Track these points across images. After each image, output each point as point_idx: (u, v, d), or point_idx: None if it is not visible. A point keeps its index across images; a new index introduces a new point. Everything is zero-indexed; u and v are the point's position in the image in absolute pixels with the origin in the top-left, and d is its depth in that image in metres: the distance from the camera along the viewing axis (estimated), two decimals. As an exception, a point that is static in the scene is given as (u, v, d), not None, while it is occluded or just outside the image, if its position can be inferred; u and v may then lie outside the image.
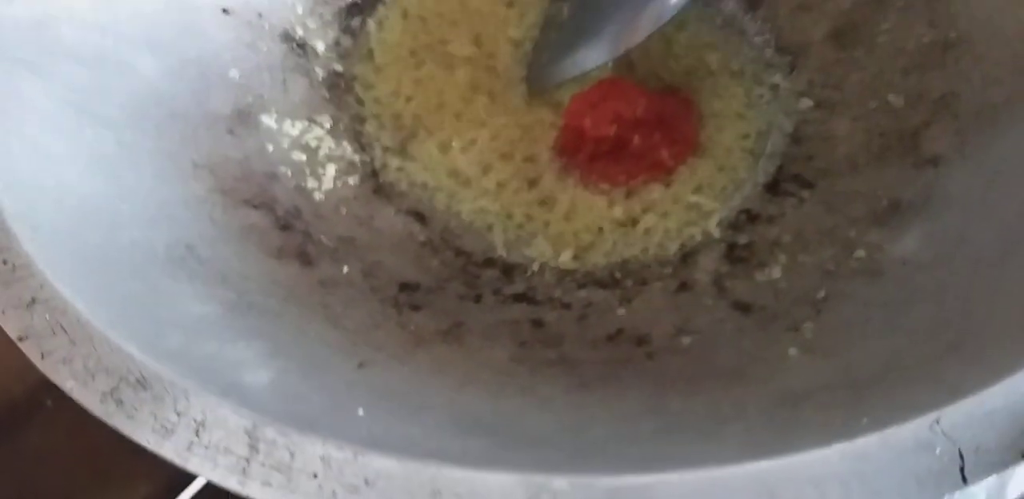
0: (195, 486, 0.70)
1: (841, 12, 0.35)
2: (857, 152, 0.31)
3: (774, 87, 0.35)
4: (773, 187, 0.32)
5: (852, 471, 0.16)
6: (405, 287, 0.29)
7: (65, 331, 0.19)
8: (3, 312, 0.20)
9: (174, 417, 0.18)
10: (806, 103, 0.34)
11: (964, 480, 0.16)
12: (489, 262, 0.31)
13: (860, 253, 0.27)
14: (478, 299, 0.29)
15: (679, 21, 0.37)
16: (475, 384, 0.23)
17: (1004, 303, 0.21)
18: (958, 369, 0.19)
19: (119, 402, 0.18)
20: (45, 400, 0.59)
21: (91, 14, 0.30)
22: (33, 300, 0.20)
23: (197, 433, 0.17)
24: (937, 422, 0.17)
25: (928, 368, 0.19)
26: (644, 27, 0.33)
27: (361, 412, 0.19)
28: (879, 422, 0.17)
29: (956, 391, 0.17)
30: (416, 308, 0.28)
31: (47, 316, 0.20)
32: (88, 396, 0.18)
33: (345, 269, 0.29)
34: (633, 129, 0.31)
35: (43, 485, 0.57)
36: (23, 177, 0.24)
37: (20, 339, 0.19)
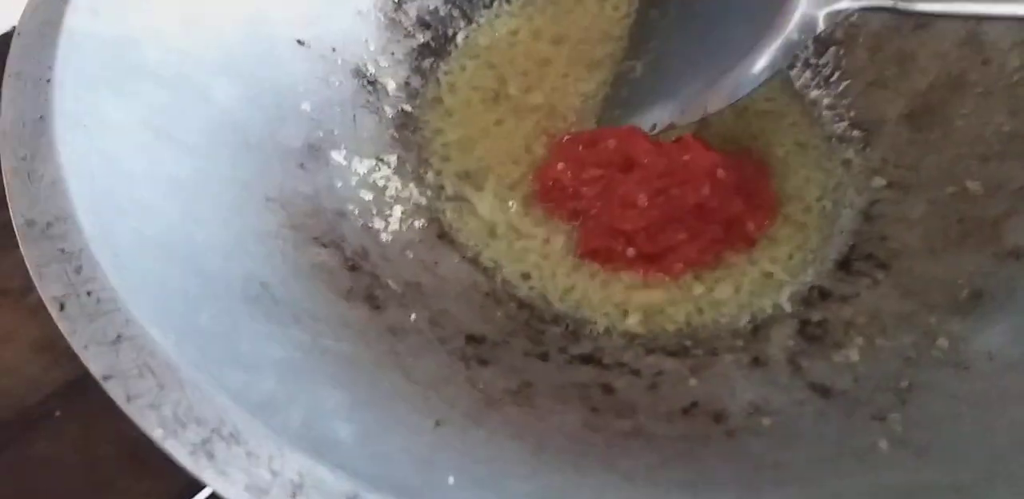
0: (197, 501, 0.68)
1: (917, 92, 0.35)
2: (934, 236, 0.31)
3: (846, 162, 0.35)
4: (846, 265, 0.32)
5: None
6: (471, 339, 0.28)
7: (153, 373, 0.18)
8: (86, 348, 0.19)
9: (269, 477, 0.17)
10: (879, 181, 0.34)
11: None
12: (554, 319, 0.31)
13: (943, 342, 0.27)
14: (544, 357, 0.28)
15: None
16: (552, 452, 0.22)
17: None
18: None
19: (210, 456, 0.17)
20: (55, 410, 0.58)
21: (173, 37, 0.30)
22: (119, 337, 0.19)
23: (294, 494, 0.16)
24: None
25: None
26: (721, 98, 0.33)
27: (452, 481, 0.19)
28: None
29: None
30: (484, 363, 0.27)
31: (134, 356, 0.19)
32: (178, 448, 0.17)
33: (412, 316, 0.28)
34: (718, 196, 0.31)
35: (45, 493, 0.56)
36: (103, 197, 0.23)
37: (105, 378, 0.18)
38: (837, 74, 0.37)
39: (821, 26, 0.31)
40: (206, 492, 0.63)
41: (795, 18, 0.31)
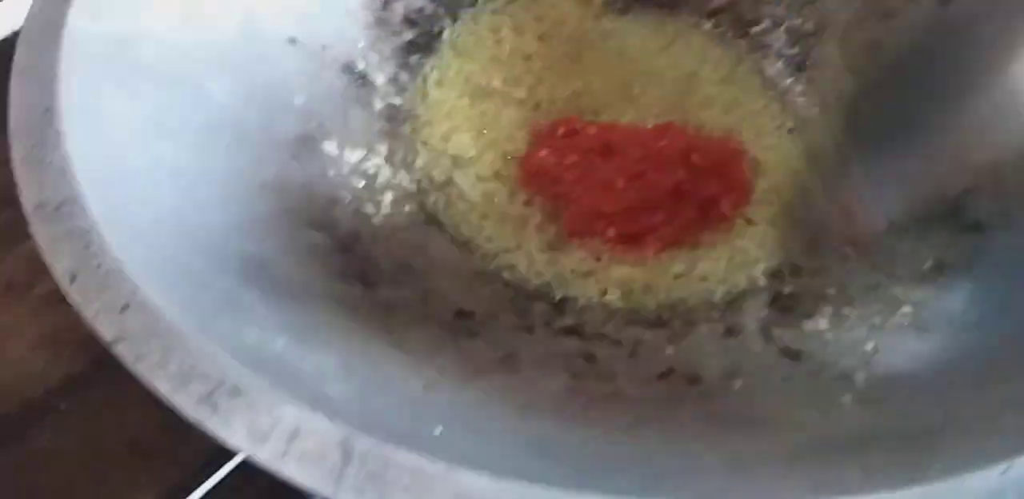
0: (195, 496, 0.69)
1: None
2: (901, 213, 0.32)
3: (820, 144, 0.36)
4: (816, 242, 0.33)
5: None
6: (460, 314, 0.30)
7: (159, 337, 0.20)
8: (96, 315, 0.20)
9: (268, 425, 0.18)
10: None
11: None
12: (539, 296, 0.32)
13: (906, 309, 0.28)
14: (530, 330, 0.30)
15: (722, 77, 0.39)
16: (535, 412, 0.24)
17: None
18: (1018, 424, 0.19)
19: (214, 407, 0.18)
20: (58, 404, 0.59)
21: (171, 36, 0.31)
22: (127, 305, 0.20)
23: (292, 440, 0.18)
24: (1006, 471, 0.17)
25: (989, 422, 0.20)
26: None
27: (438, 431, 0.20)
28: (950, 469, 0.17)
29: (1015, 447, 0.18)
30: (472, 335, 0.28)
31: (141, 321, 0.20)
32: (184, 399, 0.19)
33: (404, 293, 0.29)
34: (693, 179, 0.32)
35: (47, 487, 0.57)
36: (109, 184, 0.25)
37: (114, 342, 0.20)
38: (808, 63, 0.39)
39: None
40: (206, 487, 0.64)
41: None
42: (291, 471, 0.17)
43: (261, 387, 0.19)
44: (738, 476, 0.19)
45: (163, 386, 0.19)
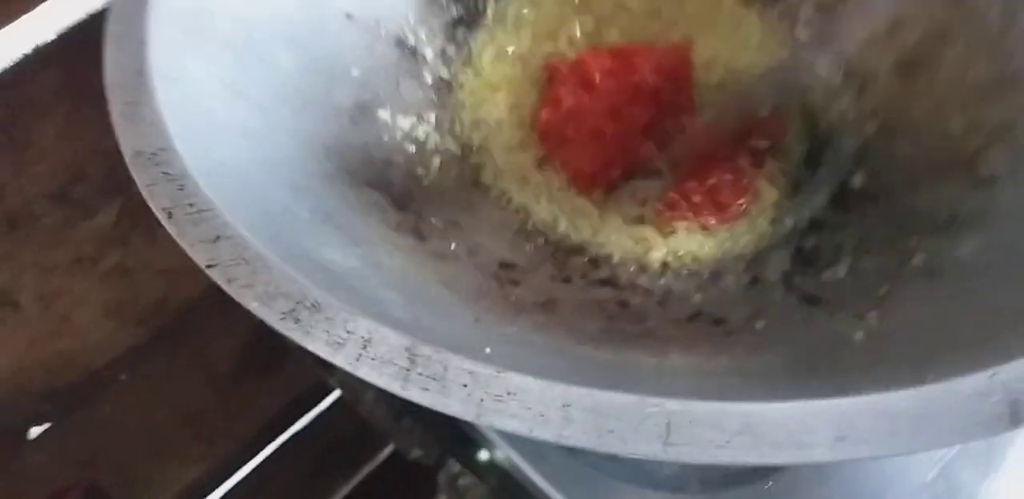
0: (244, 471, 0.73)
1: (905, 48, 0.38)
2: (919, 171, 0.34)
3: (842, 112, 0.38)
4: (839, 199, 0.35)
5: (920, 410, 0.19)
6: (504, 265, 0.32)
7: (247, 262, 0.23)
8: (193, 245, 0.23)
9: (344, 334, 0.21)
10: (871, 127, 0.37)
11: (1016, 422, 0.19)
12: (577, 250, 0.35)
13: (919, 257, 0.30)
14: (568, 280, 0.32)
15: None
16: (572, 344, 0.26)
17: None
18: (1009, 342, 0.22)
19: (297, 320, 0.21)
20: (120, 374, 0.63)
21: (243, 10, 0.34)
22: (218, 237, 0.23)
23: (364, 347, 0.21)
24: (994, 375, 0.20)
25: (984, 344, 0.22)
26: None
27: (488, 350, 0.23)
28: (945, 375, 0.20)
29: (1009, 356, 0.20)
30: (515, 283, 0.31)
31: (231, 249, 0.23)
32: (270, 314, 0.22)
33: (452, 246, 0.32)
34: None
35: (107, 457, 0.60)
36: (195, 134, 0.28)
37: (208, 266, 0.23)
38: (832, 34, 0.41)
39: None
40: (257, 460, 0.68)
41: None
42: (364, 372, 0.20)
43: (336, 304, 0.22)
44: (756, 390, 0.22)
45: (252, 304, 0.22)
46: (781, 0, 0.41)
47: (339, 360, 0.21)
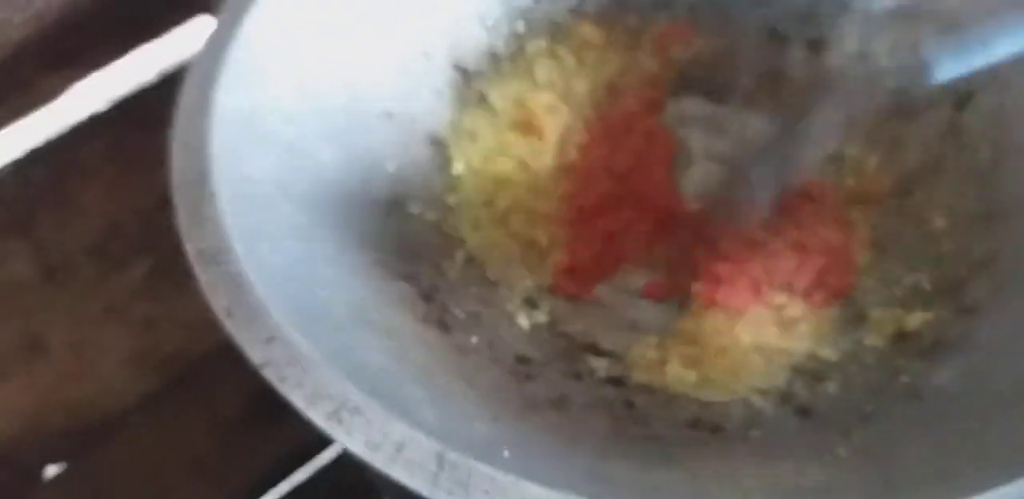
0: None
1: (903, 173, 0.42)
2: (908, 295, 0.37)
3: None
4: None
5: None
6: (520, 359, 0.35)
7: (298, 363, 0.25)
8: (247, 344, 0.26)
9: (380, 437, 0.24)
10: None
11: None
12: (588, 348, 0.37)
13: (904, 378, 0.33)
14: (579, 377, 0.35)
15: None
16: (584, 445, 0.29)
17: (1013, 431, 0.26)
18: (975, 475, 0.24)
19: (339, 421, 0.24)
20: (132, 419, 0.64)
21: (290, 107, 0.37)
22: (271, 338, 0.26)
23: (399, 450, 0.23)
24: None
25: (953, 473, 0.25)
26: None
27: (506, 454, 0.25)
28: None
29: (974, 489, 0.23)
30: (530, 378, 0.34)
31: (283, 351, 0.26)
32: (316, 415, 0.24)
33: (474, 339, 0.35)
34: None
35: (112, 495, 0.61)
36: (251, 235, 0.30)
37: (262, 366, 0.25)
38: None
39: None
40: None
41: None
42: (398, 474, 0.23)
43: (376, 408, 0.24)
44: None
45: (300, 403, 0.24)
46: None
47: (376, 461, 0.23)
